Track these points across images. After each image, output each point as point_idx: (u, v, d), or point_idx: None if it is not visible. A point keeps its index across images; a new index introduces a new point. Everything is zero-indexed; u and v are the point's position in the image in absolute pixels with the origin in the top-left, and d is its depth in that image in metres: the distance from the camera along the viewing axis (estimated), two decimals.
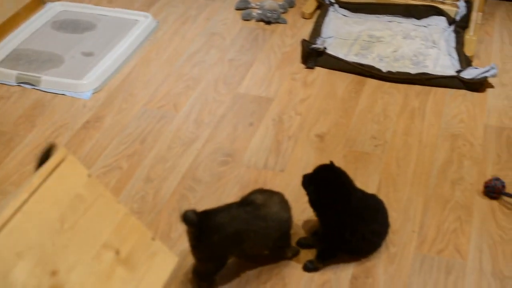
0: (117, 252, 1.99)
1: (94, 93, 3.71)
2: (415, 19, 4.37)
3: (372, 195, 2.84)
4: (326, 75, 3.87)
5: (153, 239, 2.11)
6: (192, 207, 2.65)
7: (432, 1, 4.42)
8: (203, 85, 3.78)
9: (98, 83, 3.76)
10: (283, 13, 4.42)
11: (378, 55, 4.01)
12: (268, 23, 4.34)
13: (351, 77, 3.84)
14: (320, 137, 3.40)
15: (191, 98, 3.68)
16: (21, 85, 3.76)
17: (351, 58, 3.95)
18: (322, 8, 4.45)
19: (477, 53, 4.07)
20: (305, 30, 4.28)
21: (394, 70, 3.83)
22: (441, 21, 4.33)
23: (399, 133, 3.43)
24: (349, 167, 3.15)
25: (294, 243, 2.80)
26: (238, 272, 2.73)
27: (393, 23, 4.35)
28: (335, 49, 4.02)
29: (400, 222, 2.93)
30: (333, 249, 2.74)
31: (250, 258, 2.73)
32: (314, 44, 3.96)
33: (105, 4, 4.54)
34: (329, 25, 4.29)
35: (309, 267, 2.73)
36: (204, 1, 4.60)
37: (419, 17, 4.38)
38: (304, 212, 2.91)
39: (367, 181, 3.12)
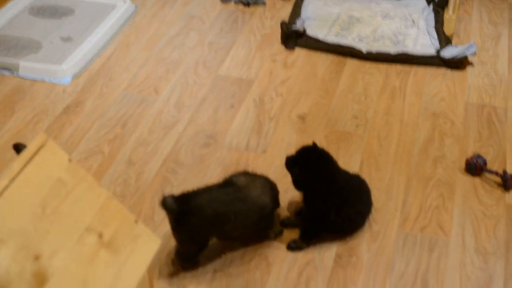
0: (100, 235, 1.98)
1: (73, 79, 3.69)
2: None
3: (355, 175, 2.85)
4: (306, 56, 3.86)
5: (136, 222, 2.10)
6: (174, 189, 2.66)
7: None
8: (183, 68, 3.77)
9: (77, 68, 3.73)
10: None
11: (358, 35, 4.01)
12: (247, 5, 4.32)
13: (331, 57, 3.84)
14: (301, 118, 3.40)
15: (171, 81, 3.67)
16: (0, 71, 3.73)
17: (331, 38, 3.95)
18: None
19: (456, 32, 4.08)
20: (284, 11, 4.27)
21: (374, 50, 3.83)
22: (420, 0, 4.33)
23: (380, 113, 3.43)
24: (331, 147, 3.16)
25: (277, 223, 2.80)
26: (221, 252, 2.73)
27: (372, 4, 4.35)
28: (314, 30, 4.01)
29: (382, 200, 2.94)
30: (317, 229, 2.75)
31: (232, 239, 2.73)
32: (293, 25, 3.95)
33: None
34: (308, 7, 4.28)
35: (293, 247, 2.74)
36: None
37: None
38: (287, 192, 2.91)
39: (349, 160, 3.13)
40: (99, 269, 1.94)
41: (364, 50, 3.82)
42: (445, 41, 3.91)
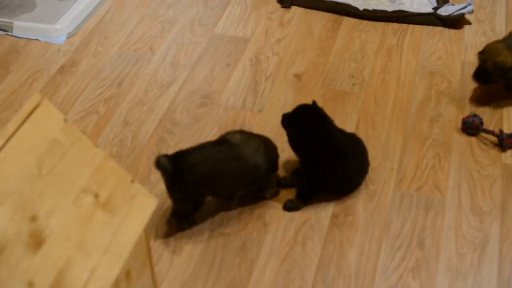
0: (96, 196, 1.97)
1: (68, 38, 3.67)
2: None
3: (351, 134, 2.84)
4: (302, 14, 3.83)
5: (132, 182, 2.10)
6: (171, 149, 2.65)
7: None
8: (179, 26, 3.74)
9: (72, 27, 3.70)
10: None
11: None
12: None
13: (327, 16, 3.81)
14: (297, 77, 3.38)
15: (166, 40, 3.64)
16: None
17: None
18: None
19: None
20: None
21: (370, 8, 3.80)
22: None
23: (377, 71, 3.42)
24: (328, 106, 3.14)
25: (274, 183, 2.80)
26: (218, 212, 2.74)
27: None
28: None
29: (379, 160, 2.94)
30: (313, 189, 2.75)
31: (228, 198, 2.74)
32: None
33: None
34: None
35: (289, 207, 2.74)
36: None
37: None
38: (283, 152, 2.91)
39: (346, 119, 3.12)
40: (96, 229, 1.94)
41: (360, 7, 3.79)
42: None
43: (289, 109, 2.78)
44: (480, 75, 3.19)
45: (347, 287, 2.49)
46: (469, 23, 3.76)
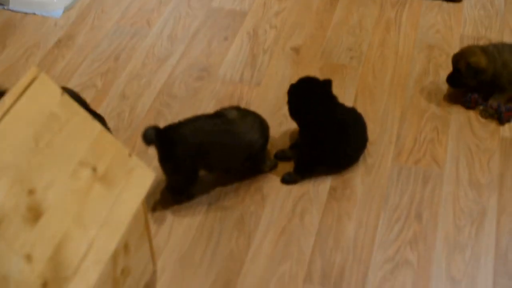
0: (94, 169, 1.97)
1: (65, 11, 3.65)
2: None
3: (352, 109, 2.83)
4: None
5: (130, 155, 2.10)
6: (168, 123, 2.64)
7: None
8: (176, 0, 3.72)
9: (68, 1, 3.68)
10: None
11: None
12: None
13: None
14: (295, 50, 3.37)
15: (164, 13, 3.63)
16: None
17: None
18: None
19: None
20: None
21: None
22: None
23: (375, 45, 3.41)
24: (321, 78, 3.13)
25: (271, 156, 2.80)
26: (216, 186, 2.74)
27: None
28: None
29: (377, 133, 2.93)
30: (311, 161, 2.75)
31: (221, 171, 2.74)
32: None
33: None
34: None
35: (287, 180, 2.74)
36: None
37: None
38: (281, 125, 2.91)
39: (344, 93, 3.11)
40: (94, 202, 1.94)
41: None
42: None
43: (287, 82, 2.78)
44: (453, 77, 3.09)
45: (345, 259, 2.50)
46: None
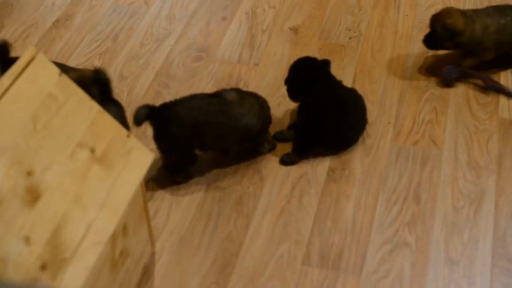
0: (92, 150, 1.97)
1: None
2: None
3: (352, 90, 2.83)
4: None
5: (128, 136, 2.09)
6: None
7: None
8: None
9: None
10: None
11: None
12: None
13: None
14: (294, 30, 3.36)
15: None
16: None
17: None
18: None
19: None
20: None
21: None
22: None
23: (374, 25, 3.39)
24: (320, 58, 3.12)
25: (269, 137, 2.80)
26: (215, 167, 2.74)
27: None
28: None
29: (376, 114, 2.93)
30: (310, 142, 2.74)
31: (222, 152, 2.74)
32: None
33: None
34: None
35: (286, 161, 2.74)
36: None
37: None
38: (279, 106, 2.90)
39: (343, 73, 3.10)
40: (92, 184, 1.94)
41: None
42: None
43: (285, 63, 2.78)
44: (429, 38, 3.07)
45: (343, 240, 2.50)
46: None
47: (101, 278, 2.00)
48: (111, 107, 2.43)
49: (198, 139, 2.61)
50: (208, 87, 3.04)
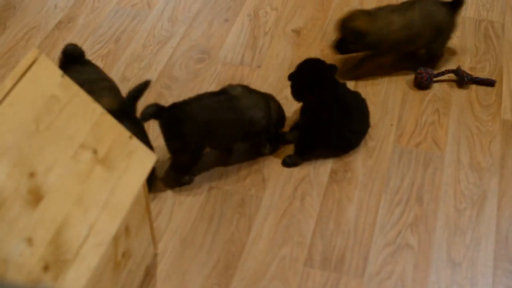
0: (95, 151, 1.97)
1: None
2: None
3: (355, 93, 2.82)
4: None
5: (131, 137, 2.09)
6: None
7: None
8: None
9: None
10: None
11: None
12: None
13: None
14: (296, 32, 3.36)
15: None
16: None
17: None
18: None
19: None
20: None
21: None
22: None
23: None
24: (326, 61, 3.12)
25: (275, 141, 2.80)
26: (217, 168, 2.74)
27: None
28: None
29: (378, 115, 2.93)
30: (312, 144, 2.74)
31: (225, 150, 2.74)
32: None
33: None
34: None
35: (288, 163, 2.74)
36: None
37: None
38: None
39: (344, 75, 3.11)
40: (95, 185, 1.94)
41: None
42: None
43: (287, 64, 2.78)
44: (338, 44, 3.03)
45: (345, 242, 2.50)
46: None
47: (103, 279, 2.00)
48: (131, 124, 2.38)
49: (209, 137, 2.61)
50: (210, 89, 3.04)
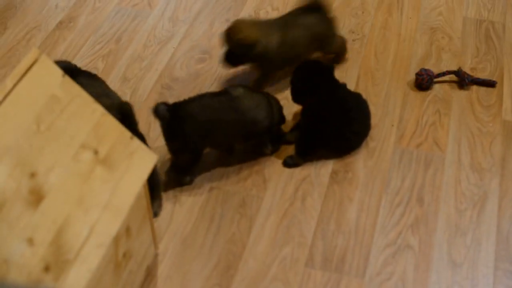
0: (96, 152, 1.97)
1: None
2: None
3: (356, 94, 2.82)
4: None
5: (132, 138, 2.09)
6: None
7: None
8: None
9: None
10: None
11: None
12: None
13: None
14: None
15: None
16: None
17: None
18: None
19: None
20: None
21: None
22: None
23: (378, 27, 3.39)
24: (328, 62, 3.12)
25: (275, 140, 2.80)
26: (218, 168, 2.74)
27: None
28: None
29: (379, 116, 2.93)
30: (313, 144, 2.74)
31: (226, 150, 2.74)
32: None
33: None
34: None
35: (289, 163, 2.74)
36: None
37: None
38: (283, 108, 2.89)
39: (346, 75, 3.10)
40: (95, 185, 1.94)
41: None
42: None
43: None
44: (227, 55, 2.90)
45: (346, 243, 2.50)
46: None
47: (104, 279, 2.00)
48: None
49: (210, 137, 2.61)
50: (211, 89, 3.04)
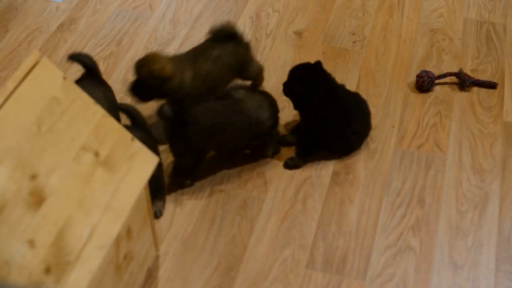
0: (96, 153, 1.97)
1: None
2: None
3: (356, 94, 2.83)
4: None
5: (133, 140, 2.09)
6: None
7: None
8: None
9: None
10: None
11: None
12: None
13: None
14: (298, 34, 3.36)
15: None
16: None
17: None
18: None
19: None
20: None
21: None
22: None
23: (378, 29, 3.39)
24: (328, 63, 3.13)
25: (275, 141, 2.80)
26: (219, 170, 2.74)
27: None
28: None
29: (380, 117, 2.93)
30: (313, 146, 2.74)
31: (229, 152, 2.74)
32: None
33: None
34: None
35: (290, 165, 2.74)
36: None
37: None
38: (283, 110, 2.90)
39: (346, 77, 3.11)
40: (96, 187, 1.94)
41: None
42: None
43: (289, 67, 2.77)
44: (136, 86, 2.75)
45: (347, 244, 2.50)
46: None
47: (105, 281, 2.00)
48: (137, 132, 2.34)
49: (214, 141, 2.61)
50: None
